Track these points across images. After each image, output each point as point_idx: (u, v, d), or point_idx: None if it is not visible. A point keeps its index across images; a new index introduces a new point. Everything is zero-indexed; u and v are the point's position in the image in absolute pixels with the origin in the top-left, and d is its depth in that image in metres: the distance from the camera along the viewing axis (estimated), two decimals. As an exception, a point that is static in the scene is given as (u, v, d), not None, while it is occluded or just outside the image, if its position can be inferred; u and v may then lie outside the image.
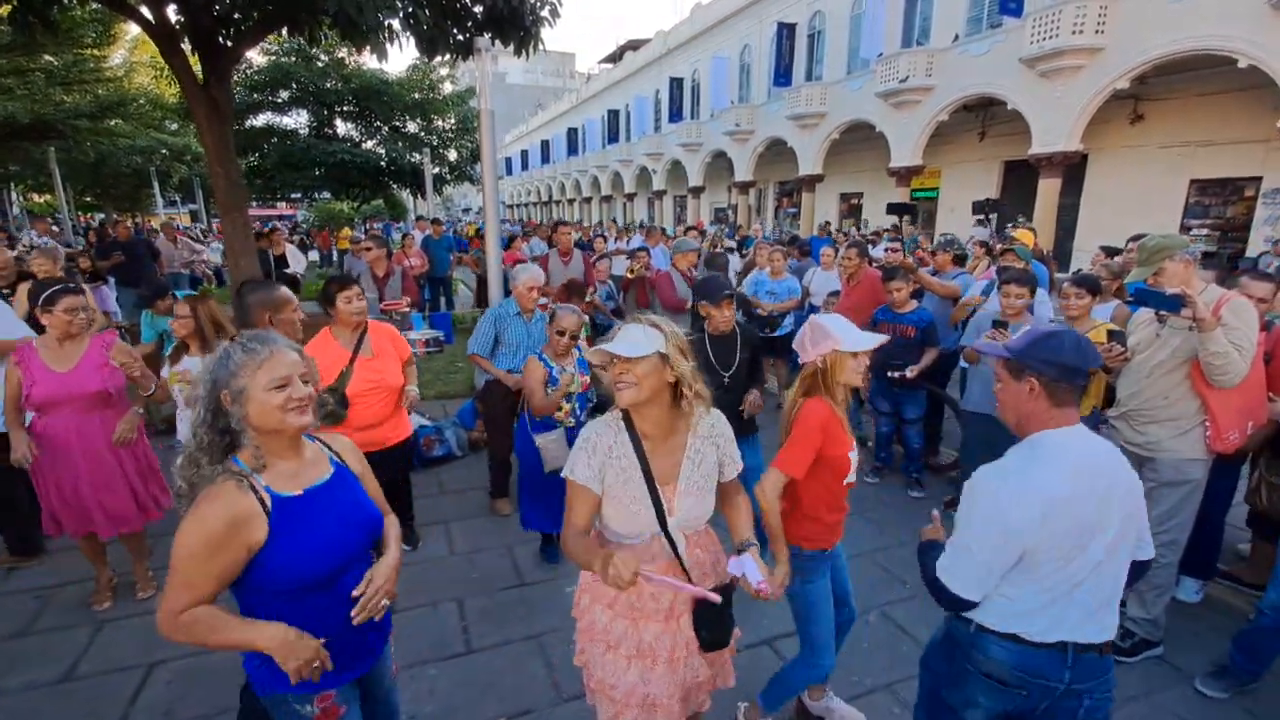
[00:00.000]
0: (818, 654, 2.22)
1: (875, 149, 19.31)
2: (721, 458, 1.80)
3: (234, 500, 1.33)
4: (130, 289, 8.13)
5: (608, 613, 1.75)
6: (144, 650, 2.83)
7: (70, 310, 2.83)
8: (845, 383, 2.02)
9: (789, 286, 5.96)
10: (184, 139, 23.27)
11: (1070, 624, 1.50)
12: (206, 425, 1.37)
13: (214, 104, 6.14)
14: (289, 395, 1.37)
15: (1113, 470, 1.52)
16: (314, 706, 1.48)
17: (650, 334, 1.60)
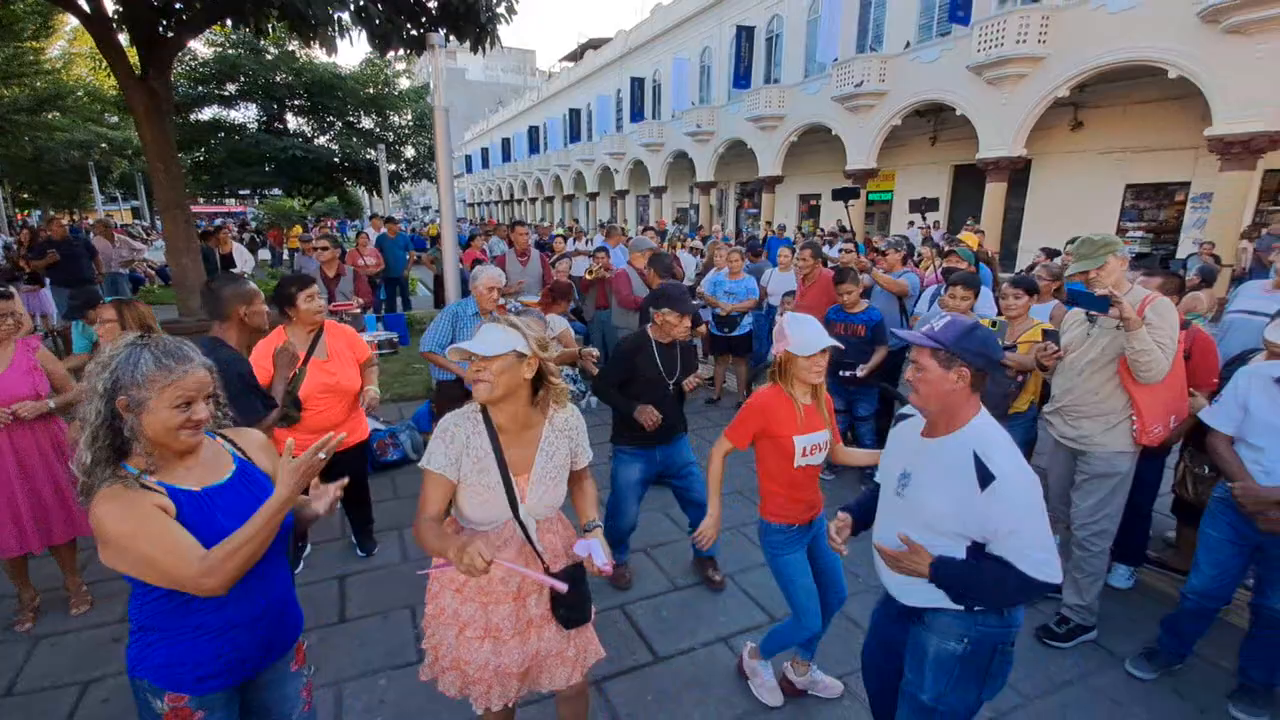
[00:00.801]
0: (800, 617, 2.40)
1: (832, 152, 19.70)
2: (574, 449, 1.92)
3: (131, 497, 1.31)
4: (66, 289, 7.73)
5: (457, 597, 1.82)
6: (80, 667, 2.71)
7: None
8: (800, 379, 2.25)
9: (747, 286, 6.04)
10: (124, 133, 22.23)
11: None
12: (107, 425, 1.31)
13: (153, 96, 5.90)
14: (189, 417, 1.35)
15: None
16: (164, 704, 1.43)
17: (508, 334, 1.70)
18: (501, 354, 1.67)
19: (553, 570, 1.81)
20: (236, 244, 9.07)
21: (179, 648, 1.41)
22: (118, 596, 3.16)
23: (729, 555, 3.67)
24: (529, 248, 6.68)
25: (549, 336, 1.85)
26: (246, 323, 2.60)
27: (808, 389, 2.31)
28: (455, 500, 1.80)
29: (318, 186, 18.88)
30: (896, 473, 1.82)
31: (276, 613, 1.55)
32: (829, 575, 2.49)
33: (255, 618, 1.49)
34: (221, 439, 1.55)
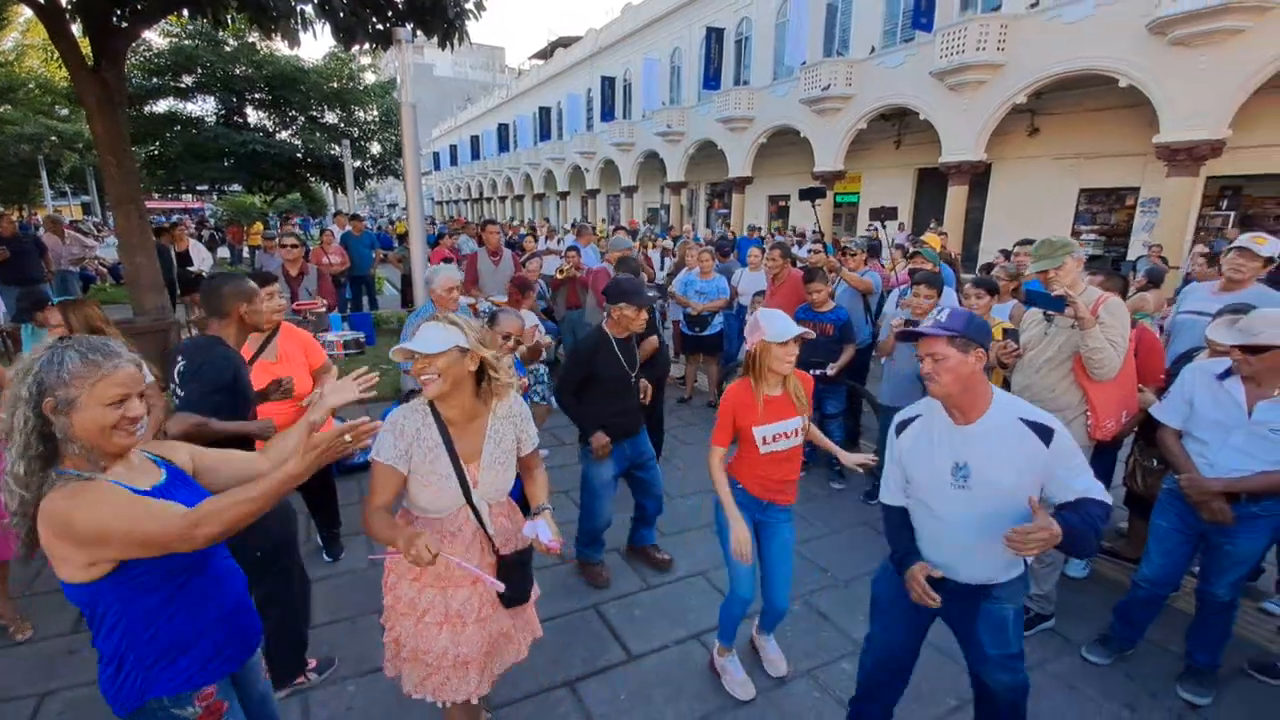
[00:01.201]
0: (734, 584, 2.57)
1: (801, 153, 19.97)
2: (519, 435, 1.99)
3: (89, 485, 1.27)
4: (15, 288, 7.38)
5: (414, 585, 1.87)
6: (34, 680, 2.60)
7: None
8: (773, 369, 2.38)
9: (718, 286, 6.09)
10: (75, 125, 21.25)
11: None
12: (37, 432, 1.25)
13: (105, 88, 5.67)
14: (123, 414, 1.30)
15: None
16: (196, 706, 1.42)
17: (449, 330, 1.76)
18: (445, 351, 1.73)
19: (503, 552, 1.91)
20: (194, 241, 8.77)
21: (186, 646, 1.41)
22: (66, 609, 3.04)
23: (702, 553, 3.70)
24: (500, 246, 6.62)
25: (530, 329, 1.87)
26: (246, 320, 2.53)
27: (778, 380, 2.44)
28: (407, 490, 1.85)
29: (279, 182, 18.40)
30: (946, 469, 1.88)
31: (245, 605, 1.58)
32: (775, 558, 2.60)
33: (232, 609, 1.52)
34: (142, 451, 1.48)
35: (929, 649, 2.25)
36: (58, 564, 1.29)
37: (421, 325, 1.79)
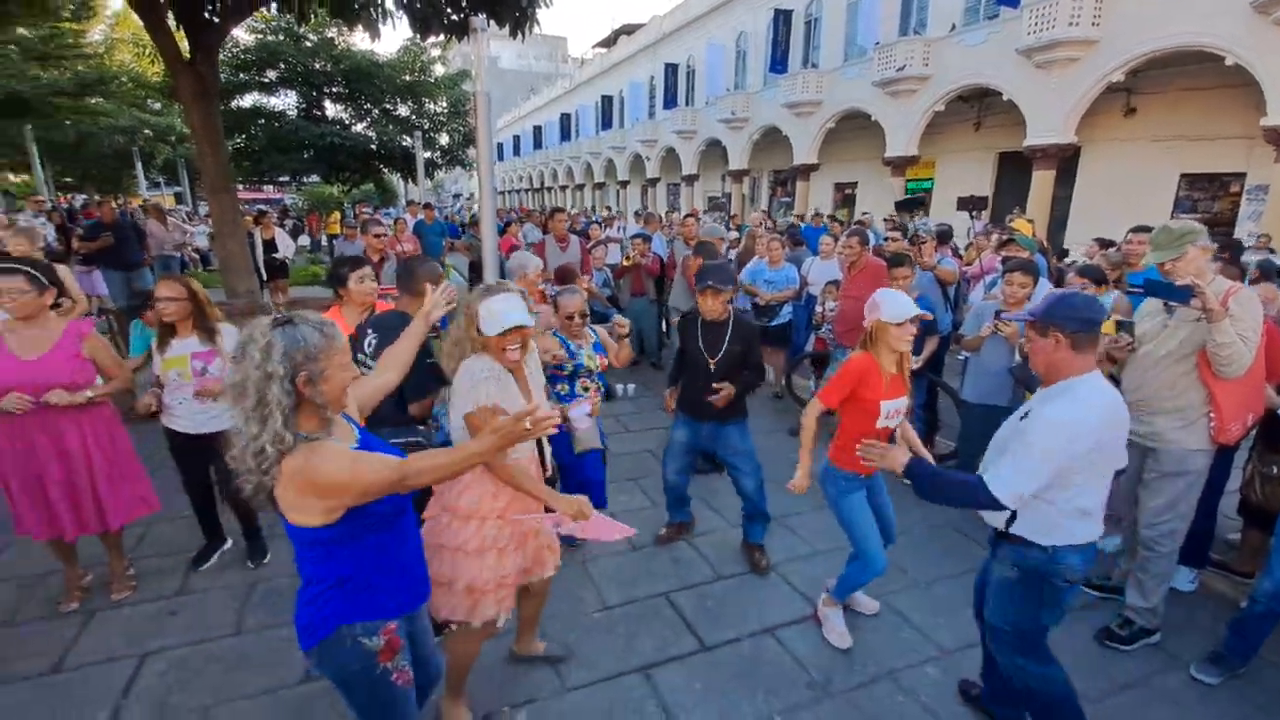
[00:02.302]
0: (865, 557, 2.71)
1: (871, 138, 19.25)
2: (537, 369, 2.34)
3: (324, 443, 1.45)
4: (118, 272, 7.96)
5: (473, 524, 2.04)
6: (136, 640, 2.77)
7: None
8: (890, 346, 2.49)
9: (787, 276, 5.93)
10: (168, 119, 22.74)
11: (1095, 531, 1.95)
12: (290, 406, 1.40)
13: (200, 82, 5.98)
14: (352, 374, 1.52)
15: (1124, 415, 1.93)
16: (379, 638, 1.57)
17: (523, 301, 2.07)
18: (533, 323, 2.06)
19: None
20: (279, 229, 9.22)
21: (381, 583, 1.58)
22: (166, 574, 3.25)
23: (772, 546, 3.62)
24: (567, 234, 6.66)
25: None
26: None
27: (894, 357, 2.53)
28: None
29: (354, 173, 19.08)
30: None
31: (422, 556, 1.76)
32: (884, 518, 2.81)
33: (416, 557, 1.71)
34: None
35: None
36: (297, 513, 1.45)
37: (495, 303, 2.01)
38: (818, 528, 3.80)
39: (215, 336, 2.98)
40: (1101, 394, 1.88)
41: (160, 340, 2.97)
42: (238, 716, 2.36)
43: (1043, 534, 1.94)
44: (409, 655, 1.67)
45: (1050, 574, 1.96)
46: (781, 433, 5.40)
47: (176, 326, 2.94)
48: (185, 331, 2.95)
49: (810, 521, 3.90)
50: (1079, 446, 1.81)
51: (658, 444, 3.89)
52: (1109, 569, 3.33)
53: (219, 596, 3.07)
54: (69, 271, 4.29)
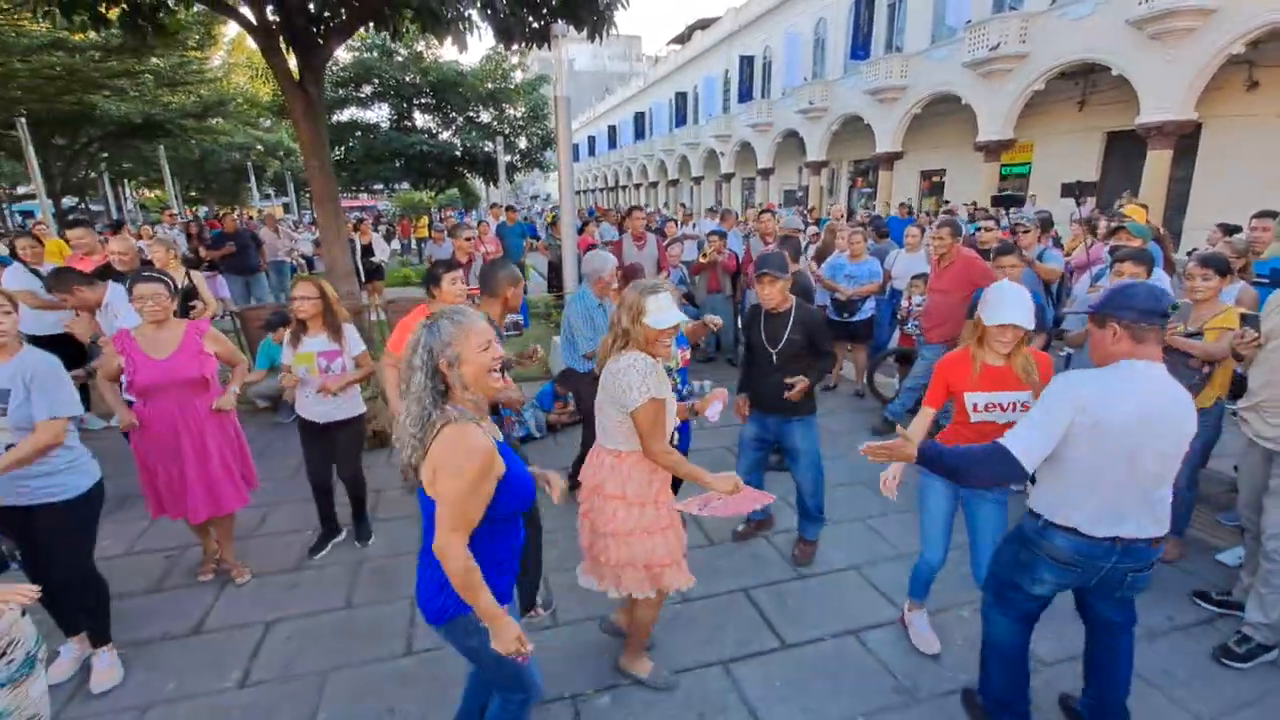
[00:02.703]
0: (921, 542, 2.75)
1: (960, 122, 18.24)
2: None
3: (483, 436, 1.58)
4: (238, 277, 8.75)
5: (635, 509, 2.24)
6: (261, 609, 3.07)
7: (142, 297, 2.84)
8: (990, 346, 2.43)
9: (869, 270, 5.75)
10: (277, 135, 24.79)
11: (1122, 525, 1.88)
12: (430, 389, 1.58)
13: (308, 99, 6.47)
14: (493, 356, 1.63)
15: (1171, 409, 1.81)
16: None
17: (677, 298, 2.14)
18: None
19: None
20: (375, 234, 9.87)
21: (505, 570, 1.74)
22: (287, 550, 3.57)
23: (855, 546, 3.55)
24: (645, 232, 6.73)
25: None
26: (510, 302, 2.92)
27: (999, 353, 2.42)
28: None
29: (440, 179, 20.08)
30: None
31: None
32: (976, 528, 2.60)
33: (521, 548, 1.83)
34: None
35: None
36: (444, 478, 1.57)
37: (663, 299, 2.14)
38: (903, 531, 3.69)
39: (340, 335, 3.24)
40: (1138, 376, 1.82)
41: (293, 336, 3.26)
42: (350, 682, 2.58)
43: (1043, 505, 2.00)
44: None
45: (1033, 542, 2.02)
46: (863, 431, 5.25)
47: (308, 324, 3.21)
48: (315, 329, 3.22)
49: (895, 524, 3.79)
50: (1079, 397, 1.81)
51: (734, 441, 3.88)
52: (1230, 583, 3.06)
53: (332, 573, 3.35)
54: (202, 278, 4.77)
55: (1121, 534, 1.88)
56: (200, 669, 2.67)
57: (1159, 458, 1.81)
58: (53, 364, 2.35)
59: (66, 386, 2.38)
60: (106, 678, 2.55)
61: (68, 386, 2.39)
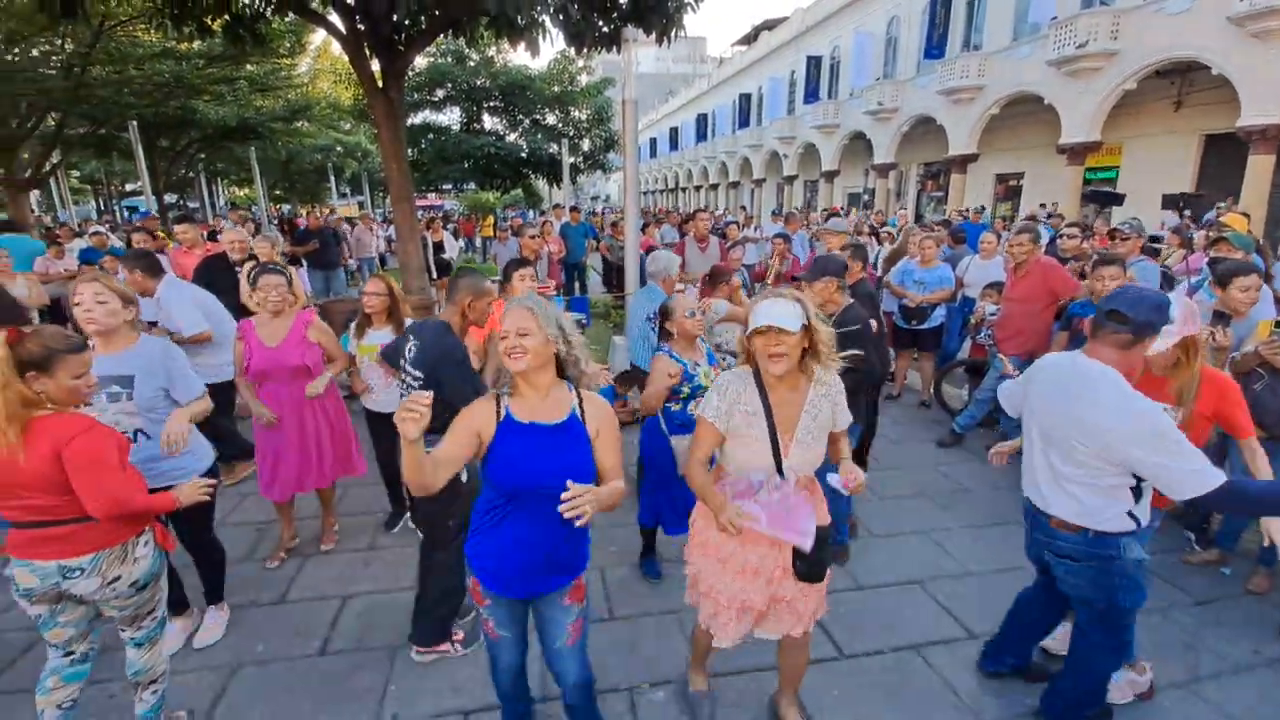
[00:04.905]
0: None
1: (1041, 124, 17.39)
2: (835, 410, 2.04)
3: (483, 406, 1.80)
4: (319, 271, 9.27)
5: (720, 534, 2.00)
6: (340, 584, 3.27)
7: (265, 288, 3.10)
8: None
9: (940, 276, 5.57)
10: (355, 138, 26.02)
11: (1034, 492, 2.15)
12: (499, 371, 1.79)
13: (389, 103, 6.79)
14: (506, 345, 1.71)
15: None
16: (469, 583, 1.92)
17: (796, 308, 1.85)
18: (797, 330, 1.83)
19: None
20: (445, 233, 10.27)
21: (479, 545, 1.86)
22: (361, 531, 3.77)
23: (917, 560, 3.46)
24: (707, 234, 6.75)
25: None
26: (470, 315, 2.92)
27: (1170, 363, 2.28)
28: (723, 449, 2.03)
29: (506, 180, 20.60)
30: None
31: (540, 552, 1.80)
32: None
33: (518, 545, 1.80)
34: (576, 394, 1.85)
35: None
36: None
37: (770, 300, 1.88)
38: (971, 546, 3.57)
39: (402, 330, 3.40)
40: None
41: (359, 328, 3.46)
42: (417, 659, 2.72)
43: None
44: (500, 619, 1.93)
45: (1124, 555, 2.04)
46: (927, 443, 5.10)
47: (374, 318, 3.40)
48: (380, 323, 3.41)
49: (962, 539, 3.67)
50: None
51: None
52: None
53: (401, 554, 3.53)
54: (295, 272, 5.10)
55: (1033, 499, 2.11)
56: (285, 635, 2.87)
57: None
58: (172, 350, 2.58)
59: (189, 367, 2.62)
60: (211, 633, 2.80)
61: (188, 366, 2.62)
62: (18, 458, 1.72)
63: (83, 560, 1.87)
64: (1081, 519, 1.99)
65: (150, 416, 2.47)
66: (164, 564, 2.14)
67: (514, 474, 1.74)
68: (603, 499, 1.67)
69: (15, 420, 1.71)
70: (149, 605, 2.08)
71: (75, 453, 1.77)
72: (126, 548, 1.96)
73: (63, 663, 2.03)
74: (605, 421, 1.84)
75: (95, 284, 2.39)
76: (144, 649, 2.12)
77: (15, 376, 1.72)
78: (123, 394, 2.40)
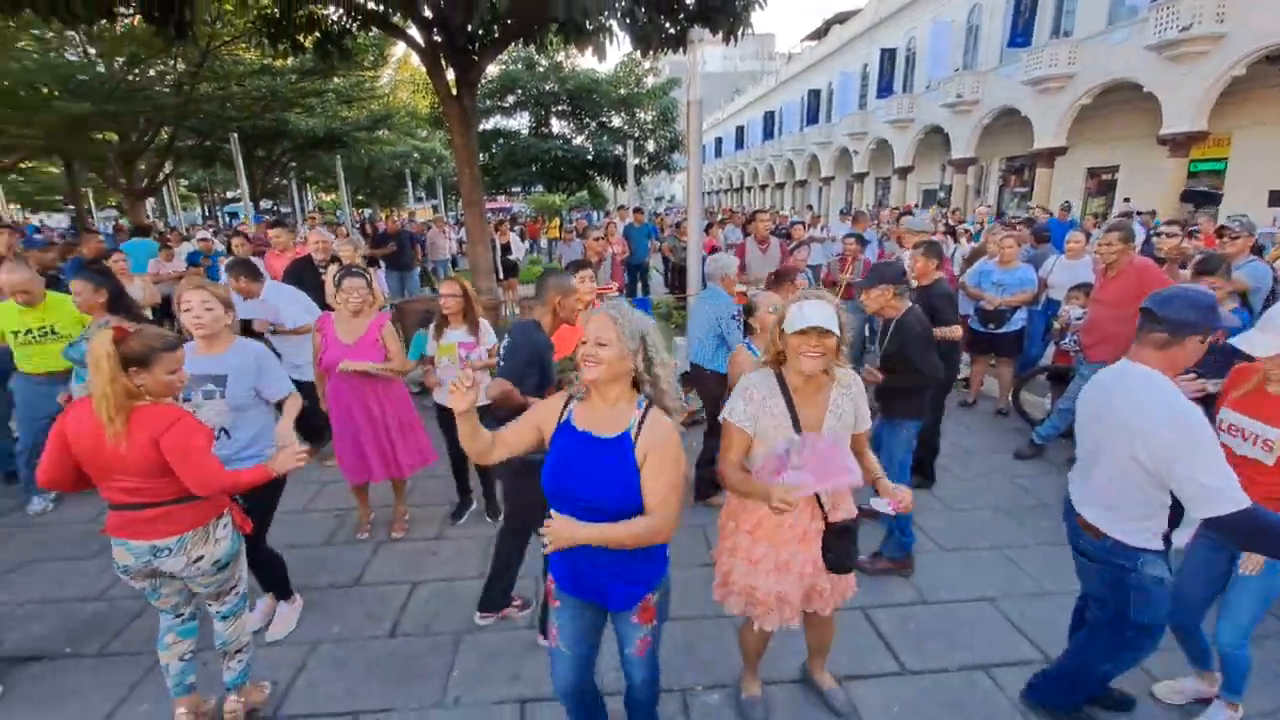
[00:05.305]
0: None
1: (1139, 113, 16.17)
2: (857, 411, 2.08)
3: (551, 403, 1.85)
4: (395, 272, 9.74)
5: (750, 536, 2.11)
6: (409, 571, 3.44)
7: (348, 290, 3.33)
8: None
9: (1020, 277, 5.27)
10: (431, 144, 27.19)
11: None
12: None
13: (463, 110, 7.06)
14: (583, 351, 1.71)
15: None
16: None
17: (833, 310, 1.90)
18: (838, 332, 1.89)
19: (830, 520, 2.04)
20: (512, 234, 10.58)
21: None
22: (429, 521, 3.94)
23: (989, 576, 3.30)
24: (768, 235, 6.65)
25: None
26: (560, 313, 3.01)
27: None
28: (751, 452, 2.06)
29: (572, 182, 21.00)
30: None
31: (598, 560, 1.76)
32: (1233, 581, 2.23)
33: (583, 548, 1.74)
34: (645, 411, 1.72)
35: None
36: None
37: (812, 302, 1.91)
38: (1047, 565, 3.37)
39: (478, 329, 3.57)
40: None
41: (437, 328, 3.63)
42: (481, 646, 2.83)
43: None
44: (564, 625, 1.89)
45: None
46: (1003, 454, 4.84)
47: (450, 319, 3.55)
48: (457, 323, 3.57)
49: (1038, 556, 3.47)
50: None
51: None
52: None
53: (466, 544, 3.67)
54: (375, 273, 5.39)
55: (1071, 494, 2.15)
56: (359, 617, 3.05)
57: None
58: (264, 353, 2.79)
59: (280, 368, 2.84)
60: (281, 627, 2.94)
61: (279, 366, 2.84)
62: (120, 444, 1.92)
63: (170, 541, 2.07)
64: (1104, 524, 1.99)
65: (239, 416, 2.67)
66: (242, 545, 2.32)
67: (552, 478, 1.75)
68: (587, 537, 1.66)
69: (121, 411, 1.91)
70: (230, 583, 2.28)
71: (172, 439, 1.96)
72: (208, 529, 2.14)
73: (174, 622, 2.27)
74: (658, 447, 1.67)
75: (202, 291, 2.62)
76: (229, 622, 2.32)
77: (121, 371, 1.91)
78: (217, 392, 2.61)
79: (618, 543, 1.67)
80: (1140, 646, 2.10)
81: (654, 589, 1.83)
